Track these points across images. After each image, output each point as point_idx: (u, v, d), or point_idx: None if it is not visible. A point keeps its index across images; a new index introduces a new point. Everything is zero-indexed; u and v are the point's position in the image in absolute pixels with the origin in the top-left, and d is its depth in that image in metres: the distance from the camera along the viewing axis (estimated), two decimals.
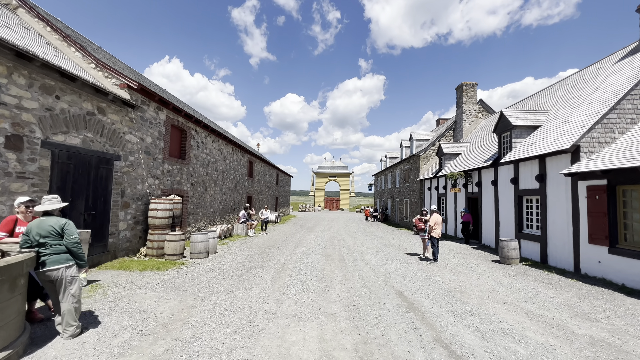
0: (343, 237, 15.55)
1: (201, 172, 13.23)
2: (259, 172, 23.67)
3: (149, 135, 9.36)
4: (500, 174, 11.81)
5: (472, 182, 14.11)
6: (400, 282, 6.90)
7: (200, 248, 9.00)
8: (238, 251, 10.52)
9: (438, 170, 18.58)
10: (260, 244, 12.51)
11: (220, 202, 15.57)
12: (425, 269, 8.31)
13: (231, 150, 17.22)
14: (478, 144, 16.43)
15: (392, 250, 11.68)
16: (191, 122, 12.05)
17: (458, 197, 15.62)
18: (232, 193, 17.39)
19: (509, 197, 11.19)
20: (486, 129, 17.94)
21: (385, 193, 33.70)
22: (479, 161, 13.62)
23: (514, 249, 9.09)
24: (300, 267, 8.23)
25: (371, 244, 13.17)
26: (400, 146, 28.68)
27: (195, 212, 12.76)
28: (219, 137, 15.02)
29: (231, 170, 17.22)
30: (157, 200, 8.99)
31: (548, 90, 14.22)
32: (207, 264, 8.27)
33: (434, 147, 21.99)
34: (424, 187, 20.99)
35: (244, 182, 19.83)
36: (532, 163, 10.00)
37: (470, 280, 7.15)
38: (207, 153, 13.82)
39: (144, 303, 4.94)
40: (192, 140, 12.37)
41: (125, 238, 8.45)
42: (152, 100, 9.38)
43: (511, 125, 11.18)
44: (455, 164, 16.64)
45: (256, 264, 8.49)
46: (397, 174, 28.34)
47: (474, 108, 20.91)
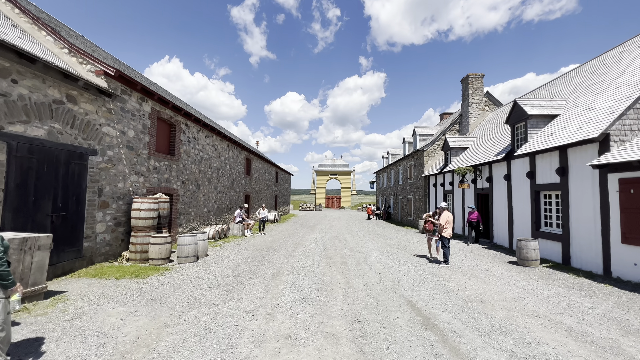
0: (345, 237, 14.74)
1: (193, 170, 12.42)
2: (257, 170, 22.86)
3: (131, 128, 8.54)
4: (514, 167, 10.94)
5: (482, 177, 13.24)
6: (410, 289, 6.07)
7: (188, 251, 8.19)
8: (231, 254, 9.71)
9: (444, 165, 17.70)
10: (257, 245, 11.70)
11: (215, 201, 14.76)
12: (437, 273, 7.48)
13: (227, 146, 16.39)
14: (487, 137, 15.55)
15: (397, 251, 10.85)
16: (180, 116, 11.22)
17: (466, 193, 14.76)
18: (228, 192, 16.58)
19: (525, 192, 10.33)
20: (495, 121, 17.04)
21: (387, 190, 32.84)
22: (490, 155, 12.74)
23: (533, 249, 8.24)
24: (297, 272, 7.41)
25: (375, 244, 12.35)
26: (403, 142, 27.79)
27: (187, 211, 11.95)
28: (213, 132, 14.19)
29: (227, 167, 16.41)
30: (140, 199, 8.18)
31: (562, 78, 13.31)
32: (194, 269, 7.46)
33: (439, 142, 21.10)
34: (428, 183, 20.12)
35: (241, 180, 19.01)
36: (551, 155, 9.13)
37: (489, 287, 6.31)
38: (199, 149, 13.00)
39: (108, 322, 4.12)
40: (182, 135, 11.54)
41: (105, 241, 7.64)
42: (134, 90, 8.55)
43: (526, 115, 10.30)
44: (462, 158, 15.77)
45: (249, 268, 7.67)
46: (400, 170, 27.47)
47: (481, 100, 20.00)
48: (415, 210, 22.29)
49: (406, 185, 25.09)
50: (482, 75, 20.08)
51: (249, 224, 14.90)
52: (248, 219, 15.32)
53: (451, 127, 21.28)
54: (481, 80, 20.02)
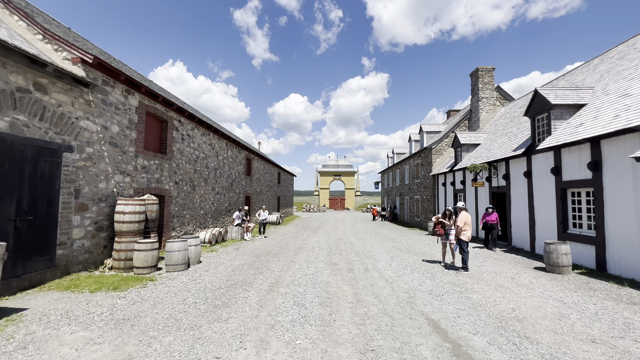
0: (350, 240, 13.86)
1: (188, 169, 11.64)
2: (258, 171, 22.07)
3: (115, 123, 7.77)
4: (536, 163, 9.99)
5: (498, 174, 12.29)
6: (430, 303, 5.18)
7: (178, 258, 7.38)
8: (227, 260, 8.88)
9: (454, 163, 16.75)
10: (256, 249, 10.87)
11: (212, 203, 13.97)
12: (457, 282, 6.58)
13: (225, 145, 15.62)
14: (501, 133, 14.59)
15: (408, 255, 9.95)
16: (172, 111, 10.45)
17: (480, 192, 13.81)
18: (227, 193, 15.80)
19: (548, 190, 9.38)
20: (508, 115, 16.07)
21: (393, 191, 31.88)
22: (506, 150, 11.80)
23: (565, 254, 7.30)
24: (299, 281, 6.56)
25: (383, 248, 11.45)
26: (409, 140, 26.85)
27: (181, 214, 11.17)
28: (209, 130, 13.42)
29: (225, 167, 15.63)
30: (125, 201, 7.39)
31: (584, 67, 12.34)
32: (182, 279, 6.64)
33: (448, 139, 20.15)
34: (437, 182, 19.17)
35: (241, 181, 18.23)
36: (580, 148, 8.19)
37: (522, 300, 5.40)
38: (195, 147, 12.23)
39: (57, 355, 3.30)
40: (175, 132, 10.77)
41: (83, 248, 6.86)
42: (117, 81, 7.78)
43: (549, 105, 9.36)
44: (475, 155, 14.82)
45: (244, 278, 6.83)
46: (406, 170, 26.53)
47: (492, 95, 19.03)
48: (423, 211, 21.33)
49: (413, 185, 24.15)
50: (492, 68, 19.12)
51: (248, 226, 14.08)
52: (248, 221, 14.51)
53: (460, 124, 20.32)
54: (492, 73, 19.06)
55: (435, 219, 8.33)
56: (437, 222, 8.26)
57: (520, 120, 13.57)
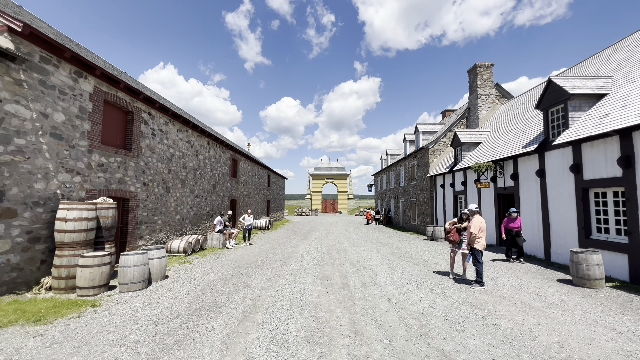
0: (344, 247, 12.63)
1: (160, 169, 10.26)
2: (245, 172, 20.71)
3: (59, 110, 6.40)
4: (550, 160, 8.98)
5: (505, 174, 11.28)
6: (450, 336, 3.98)
7: (134, 275, 6.01)
8: (200, 274, 7.54)
9: (454, 163, 15.75)
10: (237, 260, 9.53)
11: (191, 207, 12.58)
12: (475, 302, 5.41)
13: (206, 144, 14.27)
14: (504, 130, 13.64)
15: (409, 265, 8.77)
16: (140, 101, 9.09)
17: (484, 194, 12.78)
18: (208, 196, 14.41)
19: (566, 190, 8.35)
20: (511, 112, 15.18)
21: (387, 193, 30.85)
22: (514, 147, 10.79)
23: (597, 265, 6.21)
24: (282, 303, 5.29)
25: (380, 256, 10.25)
26: (403, 141, 25.89)
27: (152, 220, 9.76)
28: (186, 125, 12.06)
29: (207, 168, 14.26)
30: (68, 205, 6.01)
31: (595, 58, 11.48)
32: (135, 303, 5.29)
33: (445, 139, 19.19)
34: (435, 184, 18.15)
35: (226, 183, 16.85)
36: (606, 142, 7.18)
37: (564, 328, 4.25)
38: (169, 145, 10.87)
39: None
40: (144, 126, 9.41)
41: (9, 265, 5.44)
42: (62, 59, 6.42)
43: (566, 95, 8.37)
44: (476, 154, 13.83)
45: (215, 299, 5.52)
46: (401, 171, 25.52)
47: (491, 92, 18.18)
48: (420, 214, 20.28)
49: (408, 187, 23.12)
50: (491, 64, 18.31)
51: (231, 233, 12.72)
52: (232, 227, 13.14)
53: (458, 123, 19.41)
54: (490, 70, 18.24)
55: (449, 224, 7.18)
56: (450, 227, 7.10)
57: (526, 116, 12.64)
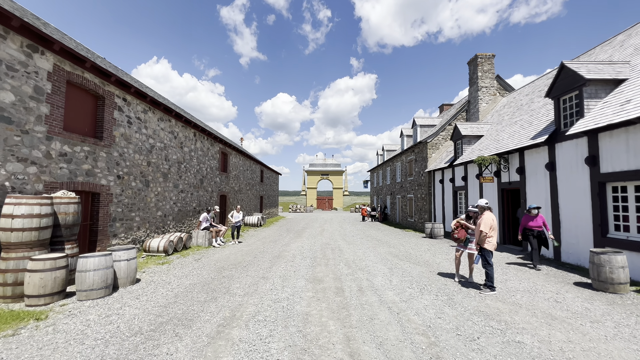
0: (339, 245, 11.89)
1: (138, 161, 9.38)
2: (236, 167, 19.82)
3: (6, 89, 5.49)
4: (562, 153, 8.31)
5: (510, 168, 10.60)
6: (466, 358, 3.25)
7: (94, 281, 5.19)
8: (177, 277, 6.72)
9: (454, 157, 15.07)
10: (222, 260, 8.73)
11: (175, 203, 11.71)
12: (488, 311, 4.70)
13: (192, 135, 13.36)
14: (508, 122, 12.97)
15: (409, 265, 8.06)
16: (112, 85, 8.17)
17: (486, 189, 12.11)
18: (195, 191, 13.53)
19: (580, 185, 7.69)
20: (514, 104, 14.52)
21: (383, 190, 30.20)
22: (521, 139, 10.10)
23: (621, 267, 5.54)
24: (265, 314, 4.52)
25: (377, 255, 9.54)
26: (400, 135, 25.18)
27: (128, 216, 8.90)
28: (168, 114, 11.14)
29: (193, 161, 13.37)
30: (15, 199, 5.15)
31: (606, 45, 10.82)
32: (91, 315, 4.47)
33: (444, 132, 18.51)
34: (433, 179, 17.49)
35: (215, 178, 15.97)
36: (628, 131, 6.50)
37: (600, 346, 3.55)
38: (148, 135, 9.96)
39: None
40: (118, 112, 8.51)
41: None
42: (10, 29, 5.50)
43: (582, 80, 7.67)
44: (478, 148, 13.15)
45: (186, 310, 4.73)
46: (398, 167, 24.84)
47: (492, 84, 17.49)
48: (417, 211, 19.64)
49: (405, 183, 22.45)
50: (492, 55, 17.60)
51: (218, 230, 11.89)
52: (220, 224, 12.29)
53: (457, 116, 18.72)
54: (492, 61, 17.53)
55: (455, 223, 6.46)
56: (458, 225, 6.39)
57: (532, 107, 11.97)
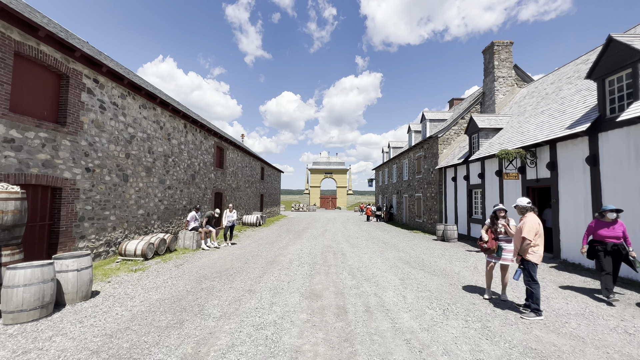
0: (342, 248, 10.68)
1: (113, 152, 8.26)
2: (234, 163, 18.69)
3: None
4: (608, 143, 6.98)
5: (538, 163, 9.28)
6: None
7: (25, 299, 4.03)
8: (144, 290, 5.57)
9: (468, 153, 13.75)
10: (207, 266, 7.57)
11: (160, 200, 10.58)
12: (542, 349, 3.46)
13: (183, 127, 12.23)
14: (532, 113, 11.62)
15: (424, 275, 6.81)
16: (78, 62, 7.02)
17: (508, 187, 10.78)
18: (185, 187, 12.41)
19: (634, 181, 6.39)
20: (537, 94, 13.14)
21: (389, 188, 28.90)
22: (554, 129, 8.77)
23: None
24: (240, 349, 3.32)
25: (386, 261, 8.30)
26: (408, 131, 23.85)
27: (100, 215, 7.78)
28: (152, 101, 9.99)
29: (183, 155, 12.24)
30: None
31: None
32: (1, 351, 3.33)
33: (457, 127, 17.16)
34: (444, 177, 16.17)
35: (209, 174, 14.84)
36: None
37: None
38: (127, 123, 8.83)
39: None
40: (88, 95, 7.38)
41: None
42: None
43: (638, 55, 6.35)
44: (498, 142, 11.82)
45: (137, 341, 3.55)
46: (405, 164, 23.52)
47: (509, 74, 16.09)
48: (427, 211, 18.33)
49: (413, 181, 21.14)
50: (510, 42, 16.20)
51: (208, 231, 10.74)
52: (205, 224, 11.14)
53: (470, 109, 17.35)
54: (509, 48, 16.13)
55: (485, 230, 5.22)
56: (489, 233, 5.14)
57: (561, 95, 10.62)
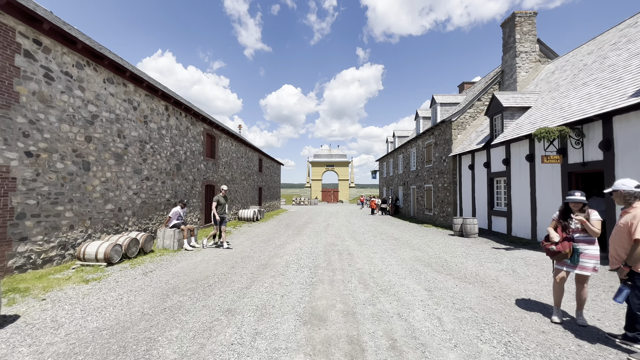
0: (348, 246, 9.21)
1: (67, 134, 6.73)
2: (227, 153, 17.15)
3: None
4: None
5: (585, 143, 7.70)
6: None
7: None
8: (83, 313, 4.09)
9: (490, 137, 12.15)
10: (182, 273, 6.09)
11: (135, 193, 9.10)
12: None
13: (163, 109, 10.67)
14: (569, 87, 9.99)
15: (454, 282, 5.31)
16: (9, 15, 5.45)
17: (540, 174, 9.22)
18: (169, 179, 10.92)
19: None
20: (570, 67, 11.47)
21: (394, 180, 27.35)
22: (611, 99, 7.18)
23: None
24: None
25: (401, 263, 6.80)
26: (415, 118, 22.19)
27: (50, 211, 6.30)
28: (121, 75, 8.41)
29: (165, 141, 10.71)
30: None
31: None
32: None
33: (472, 109, 15.51)
34: (459, 165, 14.60)
35: (198, 164, 13.33)
36: None
37: None
38: (87, 100, 7.29)
39: None
40: (25, 59, 5.82)
41: None
42: None
43: None
44: (528, 121, 10.22)
45: None
46: (413, 153, 21.92)
47: (533, 48, 14.36)
48: (438, 203, 16.80)
49: (422, 171, 19.57)
50: (534, 13, 14.43)
51: (191, 228, 9.26)
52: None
53: (488, 89, 15.67)
54: (533, 20, 14.36)
55: (553, 226, 3.71)
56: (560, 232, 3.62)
57: (607, 63, 8.98)
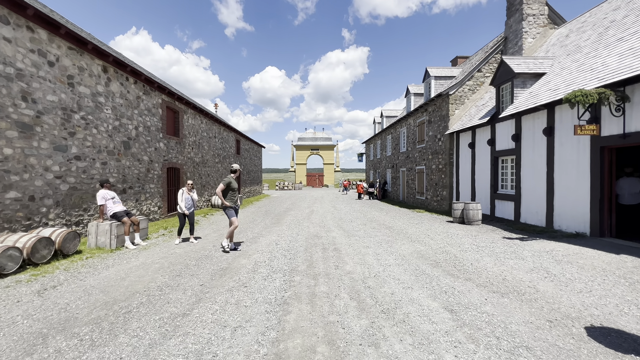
0: (333, 238, 7.59)
1: None
2: (195, 131, 14.93)
3: None
4: None
5: (628, 109, 6.24)
6: None
7: None
8: None
9: (496, 110, 10.64)
10: (97, 290, 4.24)
11: (58, 177, 7.00)
12: None
13: (101, 71, 8.41)
14: (593, 47, 8.49)
15: (480, 292, 3.77)
16: None
17: (560, 150, 7.80)
18: (112, 159, 8.81)
19: None
20: (591, 28, 9.96)
21: (382, 162, 25.90)
22: None
23: None
24: None
25: (402, 262, 5.23)
26: (406, 95, 20.51)
27: None
28: (19, 12, 6.12)
29: (104, 112, 8.52)
30: None
31: None
32: None
33: (472, 82, 13.94)
34: (456, 144, 13.14)
35: (156, 143, 11.18)
36: None
37: None
38: None
39: None
40: None
41: None
42: None
43: None
44: (546, 88, 8.71)
45: None
46: (403, 134, 20.36)
47: (541, 11, 12.77)
48: (431, 186, 15.43)
49: (413, 152, 18.09)
50: None
51: (137, 222, 7.33)
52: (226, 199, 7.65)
53: (489, 59, 14.08)
54: None
55: None
56: None
57: None
